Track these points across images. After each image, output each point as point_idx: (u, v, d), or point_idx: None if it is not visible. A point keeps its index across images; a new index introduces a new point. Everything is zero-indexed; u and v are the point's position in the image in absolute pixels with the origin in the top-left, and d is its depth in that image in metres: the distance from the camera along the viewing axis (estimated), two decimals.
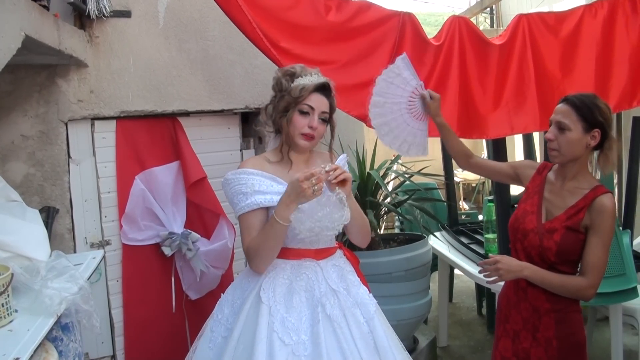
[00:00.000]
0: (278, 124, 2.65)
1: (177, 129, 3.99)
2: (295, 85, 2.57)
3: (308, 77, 2.60)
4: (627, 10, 4.14)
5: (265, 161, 2.67)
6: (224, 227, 4.07)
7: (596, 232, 2.61)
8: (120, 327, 3.87)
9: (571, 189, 2.73)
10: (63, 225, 3.55)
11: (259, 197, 2.50)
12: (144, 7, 3.77)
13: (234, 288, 2.74)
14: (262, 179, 2.55)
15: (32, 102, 3.44)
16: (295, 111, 2.57)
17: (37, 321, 2.19)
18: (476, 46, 4.00)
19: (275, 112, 2.65)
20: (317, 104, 2.58)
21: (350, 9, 3.70)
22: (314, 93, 2.58)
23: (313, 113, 2.58)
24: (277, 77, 2.67)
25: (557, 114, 2.69)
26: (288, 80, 2.61)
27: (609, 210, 2.60)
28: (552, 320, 2.71)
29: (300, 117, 2.57)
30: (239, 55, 4.17)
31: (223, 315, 2.65)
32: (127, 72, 3.71)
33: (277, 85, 2.67)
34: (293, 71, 2.63)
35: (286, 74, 2.64)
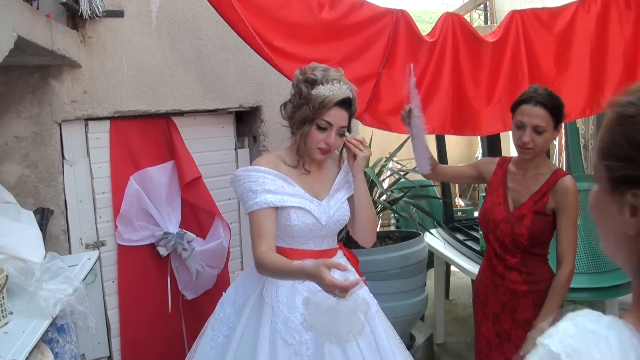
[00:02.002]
0: (294, 131, 2.57)
1: (171, 129, 3.98)
2: (315, 96, 2.44)
3: (329, 86, 2.46)
4: (621, 6, 4.14)
5: (281, 161, 2.60)
6: (219, 227, 4.07)
7: (564, 214, 2.78)
8: (116, 327, 3.87)
9: (533, 175, 2.89)
10: (58, 227, 3.54)
11: (269, 197, 2.46)
12: (136, 7, 3.75)
13: (236, 287, 2.72)
14: (274, 178, 2.51)
15: (25, 103, 3.42)
16: (313, 125, 2.48)
17: (32, 323, 2.19)
18: (469, 43, 4.01)
19: (293, 120, 2.56)
20: (336, 120, 2.48)
21: (343, 6, 3.70)
22: (334, 107, 2.46)
23: (331, 129, 2.49)
24: (297, 80, 2.55)
25: (533, 118, 2.77)
26: (308, 87, 2.48)
27: (572, 191, 2.78)
28: (529, 302, 2.84)
29: (317, 132, 2.48)
30: (232, 54, 4.16)
31: (225, 313, 2.64)
32: (120, 72, 3.70)
33: (296, 88, 2.55)
34: (314, 78, 2.48)
35: (307, 80, 2.50)
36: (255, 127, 4.49)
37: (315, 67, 2.53)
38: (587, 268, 3.83)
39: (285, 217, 2.52)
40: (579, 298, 4.21)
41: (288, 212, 2.51)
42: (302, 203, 2.53)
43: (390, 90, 3.82)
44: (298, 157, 2.59)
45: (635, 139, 0.87)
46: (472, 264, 4.42)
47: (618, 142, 0.90)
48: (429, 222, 5.53)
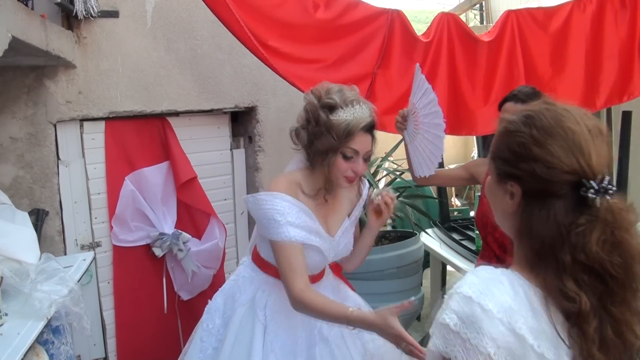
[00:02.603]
0: (314, 161, 2.38)
1: (166, 129, 3.97)
2: (336, 123, 2.26)
3: (350, 109, 2.28)
4: (616, 5, 4.16)
5: (299, 188, 2.41)
6: (215, 227, 4.06)
7: None
8: (112, 328, 3.86)
9: None
10: (53, 228, 3.53)
11: (292, 231, 2.27)
12: (131, 7, 3.75)
13: (224, 296, 2.61)
14: (298, 211, 2.32)
15: (20, 103, 3.41)
16: (338, 154, 2.30)
17: (27, 324, 2.19)
18: (465, 43, 4.01)
19: (312, 149, 2.36)
20: (362, 146, 2.31)
21: (338, 6, 3.70)
22: (360, 133, 2.29)
23: (358, 156, 2.32)
24: (313, 107, 2.33)
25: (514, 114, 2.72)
26: (326, 113, 2.28)
27: None
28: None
29: (343, 161, 2.31)
30: (227, 54, 4.16)
31: (214, 325, 2.55)
32: (115, 73, 3.70)
33: (312, 115, 2.33)
34: (332, 103, 2.28)
35: (324, 105, 2.29)
36: (251, 128, 4.48)
37: (330, 90, 2.34)
38: None
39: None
40: None
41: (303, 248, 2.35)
42: (320, 243, 2.38)
43: (385, 90, 3.82)
44: (318, 187, 2.41)
45: (513, 147, 1.27)
46: (468, 264, 4.41)
47: (502, 148, 1.31)
48: (425, 222, 5.52)
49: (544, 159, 1.20)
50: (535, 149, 1.22)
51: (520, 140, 1.26)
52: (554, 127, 1.22)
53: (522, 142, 1.25)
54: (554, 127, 1.22)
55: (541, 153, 1.21)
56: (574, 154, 1.19)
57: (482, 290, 1.17)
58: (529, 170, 1.23)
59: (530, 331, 1.13)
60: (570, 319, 1.17)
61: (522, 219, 1.26)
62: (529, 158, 1.23)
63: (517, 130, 1.27)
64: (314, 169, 2.40)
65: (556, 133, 1.22)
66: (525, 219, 1.25)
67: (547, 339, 1.15)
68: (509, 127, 1.30)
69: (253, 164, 4.51)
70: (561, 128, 1.22)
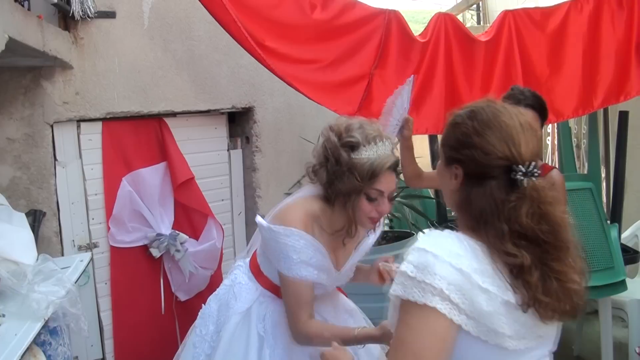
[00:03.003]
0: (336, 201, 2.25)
1: (163, 130, 3.97)
2: (359, 163, 2.13)
3: (372, 147, 2.15)
4: (613, 5, 4.16)
5: (316, 223, 2.28)
6: (212, 228, 4.07)
7: None
8: (109, 329, 3.86)
9: None
10: (50, 229, 3.53)
11: (305, 270, 2.20)
12: (128, 8, 3.74)
13: (218, 302, 2.55)
14: (314, 251, 2.22)
15: (17, 104, 3.41)
16: (362, 196, 2.18)
17: (24, 326, 2.18)
18: (462, 43, 4.02)
19: (331, 189, 2.22)
20: (387, 186, 2.19)
21: (335, 7, 3.70)
22: (385, 173, 2.16)
23: (383, 196, 2.19)
24: (333, 145, 2.19)
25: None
26: (348, 152, 2.15)
27: (560, 184, 2.89)
28: None
29: (367, 203, 2.18)
30: (224, 55, 4.16)
31: (208, 331, 2.50)
32: (112, 73, 3.69)
33: (331, 153, 2.19)
34: (354, 142, 2.15)
35: (345, 144, 2.17)
36: (248, 128, 4.49)
37: (350, 127, 2.20)
38: None
39: None
40: None
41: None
42: (326, 280, 2.32)
43: (382, 90, 3.82)
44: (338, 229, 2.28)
45: (457, 136, 1.51)
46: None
47: (450, 137, 1.55)
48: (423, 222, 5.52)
49: (481, 146, 1.44)
50: (475, 138, 1.46)
51: (463, 130, 1.49)
52: (491, 120, 1.46)
53: (465, 132, 1.49)
54: (491, 121, 1.46)
55: (480, 141, 1.45)
56: (507, 143, 1.42)
57: (433, 242, 1.39)
58: (470, 155, 1.46)
59: (474, 271, 1.34)
60: (514, 272, 1.38)
61: (462, 194, 1.49)
62: (469, 145, 1.46)
63: (462, 122, 1.51)
64: (333, 206, 2.27)
65: (493, 125, 1.45)
66: (465, 194, 1.48)
67: (490, 277, 1.36)
68: (456, 119, 1.54)
69: (250, 165, 4.51)
70: (497, 121, 1.46)
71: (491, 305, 1.34)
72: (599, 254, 3.88)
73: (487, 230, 1.41)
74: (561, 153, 4.85)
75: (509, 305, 1.36)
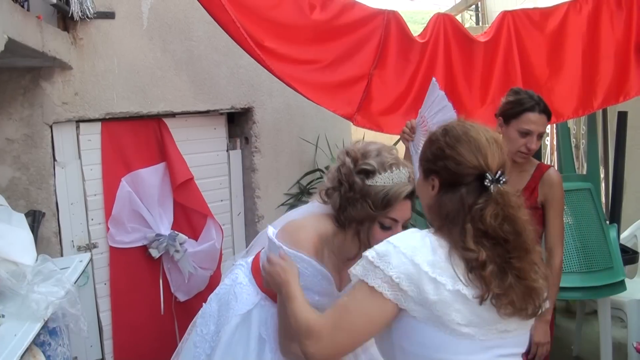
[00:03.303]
0: (349, 228, 2.17)
1: (162, 130, 3.97)
2: (374, 190, 2.07)
3: (388, 174, 2.09)
4: (612, 6, 4.16)
5: (327, 245, 2.21)
6: (212, 228, 4.07)
7: (551, 205, 2.91)
8: (108, 330, 3.86)
9: (517, 174, 2.92)
10: (49, 229, 3.53)
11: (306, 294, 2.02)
12: (127, 8, 3.74)
13: (219, 302, 2.52)
14: (321, 279, 2.15)
15: (16, 105, 3.41)
16: (375, 224, 2.12)
17: (24, 326, 2.18)
18: (461, 43, 4.02)
19: (344, 215, 2.15)
20: (402, 214, 2.13)
21: (334, 7, 3.70)
22: (401, 202, 2.10)
23: (397, 225, 2.13)
24: (348, 170, 2.13)
25: (540, 126, 2.86)
26: (363, 179, 2.09)
27: (557, 182, 2.94)
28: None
29: (381, 231, 2.10)
30: (224, 55, 4.16)
31: (208, 331, 2.46)
32: (111, 74, 3.69)
33: (346, 178, 2.13)
34: (370, 169, 2.09)
35: (361, 172, 2.10)
36: (247, 128, 4.49)
37: (367, 153, 2.14)
38: (579, 267, 3.83)
39: None
40: (570, 297, 4.22)
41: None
42: (327, 304, 2.12)
43: (381, 91, 3.82)
44: (349, 257, 2.18)
45: (433, 151, 1.72)
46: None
47: (427, 152, 1.76)
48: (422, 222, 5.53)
49: (453, 157, 1.65)
50: (447, 150, 1.67)
51: (437, 145, 1.71)
52: (461, 136, 1.68)
53: (439, 146, 1.70)
54: (461, 136, 1.68)
55: (451, 153, 1.66)
56: (475, 155, 1.64)
57: (399, 237, 1.65)
58: (443, 166, 1.67)
59: (427, 263, 1.55)
60: (469, 266, 1.56)
61: (436, 199, 1.70)
62: (443, 157, 1.68)
63: (436, 139, 1.73)
64: (344, 230, 2.19)
65: (463, 140, 1.67)
66: (438, 199, 1.69)
67: (441, 269, 1.56)
68: (432, 137, 1.77)
69: (249, 165, 4.51)
70: (467, 137, 1.67)
71: (437, 294, 1.54)
72: (598, 255, 3.88)
73: (452, 229, 1.62)
74: (560, 153, 4.84)
75: (460, 295, 1.55)
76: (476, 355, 1.61)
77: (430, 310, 1.54)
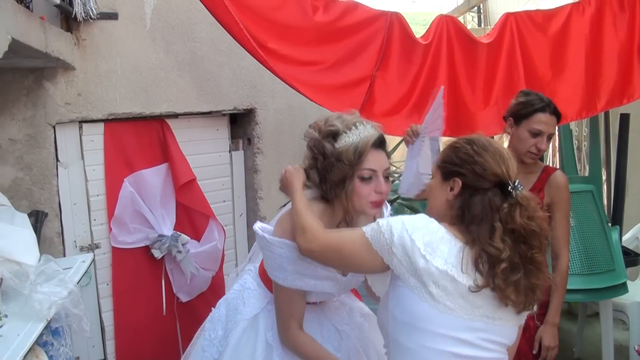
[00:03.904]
0: (334, 195, 2.19)
1: (165, 131, 3.98)
2: (344, 148, 2.12)
3: (354, 131, 2.15)
4: (615, 8, 4.16)
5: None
6: (214, 229, 4.07)
7: (558, 208, 2.90)
8: (111, 330, 3.86)
9: (524, 176, 2.85)
10: (52, 229, 3.53)
11: (299, 280, 2.16)
12: (130, 9, 3.75)
13: (227, 307, 2.51)
14: (309, 261, 2.11)
15: (19, 105, 3.41)
16: (355, 180, 2.13)
17: (27, 326, 2.19)
18: (464, 45, 4.02)
19: (327, 184, 2.18)
20: (378, 164, 2.15)
21: (337, 9, 3.71)
22: (371, 151, 2.13)
23: (377, 175, 2.14)
24: (316, 141, 2.19)
25: (550, 127, 2.88)
26: (331, 142, 2.14)
27: (564, 185, 2.93)
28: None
29: (363, 185, 2.13)
30: (226, 56, 4.16)
31: (217, 335, 2.45)
32: (114, 75, 3.70)
33: (317, 150, 2.19)
34: (334, 130, 2.15)
35: (327, 135, 2.16)
36: (250, 129, 4.49)
37: (328, 119, 2.21)
38: (581, 269, 3.83)
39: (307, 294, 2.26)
40: (572, 299, 4.22)
41: (311, 293, 2.26)
42: (331, 288, 2.26)
43: (384, 92, 3.83)
44: (338, 221, 2.26)
45: (460, 155, 1.88)
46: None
47: (450, 157, 1.92)
48: None
49: (481, 163, 1.82)
50: (476, 156, 1.84)
51: (465, 151, 1.87)
52: (487, 146, 1.86)
53: (467, 152, 1.87)
54: (487, 147, 1.86)
55: (480, 160, 1.83)
56: (499, 164, 1.82)
57: (411, 218, 1.83)
58: (471, 169, 1.83)
59: (422, 242, 1.74)
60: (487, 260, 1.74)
61: (461, 200, 1.85)
62: (471, 162, 1.84)
63: (462, 146, 1.89)
64: (333, 203, 2.23)
65: (489, 150, 1.85)
66: (463, 200, 1.84)
67: (433, 249, 1.74)
68: (456, 145, 1.93)
69: (252, 166, 4.51)
70: (492, 147, 1.87)
71: (427, 267, 1.72)
72: (600, 257, 3.89)
73: (480, 226, 1.78)
74: (562, 155, 4.84)
75: (448, 275, 1.72)
76: (460, 332, 1.76)
77: (420, 277, 1.74)
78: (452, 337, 1.76)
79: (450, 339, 1.76)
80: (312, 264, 2.12)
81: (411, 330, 1.80)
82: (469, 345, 1.77)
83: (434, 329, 1.76)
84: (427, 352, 1.78)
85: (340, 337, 2.42)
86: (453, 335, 1.76)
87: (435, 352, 1.77)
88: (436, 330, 1.76)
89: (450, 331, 1.76)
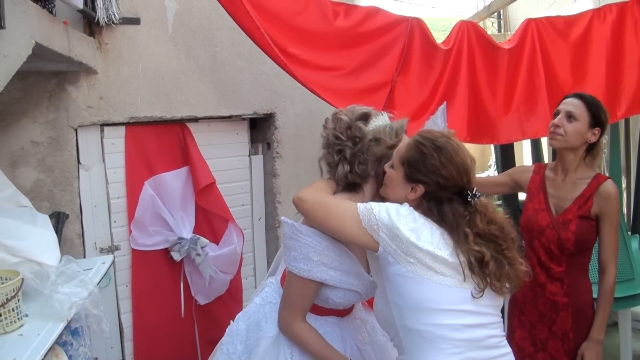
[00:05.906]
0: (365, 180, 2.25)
1: (185, 135, 4.00)
2: (381, 128, 2.21)
3: (380, 117, 2.27)
4: (636, 15, 4.14)
5: None
6: (233, 233, 4.08)
7: (607, 219, 2.78)
8: (129, 332, 3.89)
9: (574, 180, 2.88)
10: (73, 231, 3.56)
11: (325, 273, 2.14)
12: (152, 14, 3.78)
13: (247, 321, 2.48)
14: (338, 253, 2.16)
15: (42, 108, 3.45)
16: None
17: (47, 326, 2.20)
18: (485, 50, 4.01)
19: (360, 170, 2.21)
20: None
21: (358, 14, 3.71)
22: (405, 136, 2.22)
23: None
24: (346, 125, 2.22)
25: (568, 105, 2.84)
26: (365, 123, 2.22)
27: (614, 196, 2.80)
28: (569, 314, 2.83)
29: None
30: (247, 61, 4.18)
31: (235, 350, 2.42)
32: (136, 79, 3.73)
33: (348, 136, 2.22)
34: (367, 112, 2.24)
35: (360, 117, 2.23)
36: (269, 134, 4.51)
37: (352, 107, 2.30)
38: None
39: (332, 292, 2.23)
40: None
41: (337, 291, 2.22)
42: (358, 286, 2.24)
43: (404, 97, 3.82)
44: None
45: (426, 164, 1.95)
46: None
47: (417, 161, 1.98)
48: None
49: (446, 176, 1.93)
50: (442, 169, 1.93)
51: (432, 162, 1.95)
52: (453, 157, 1.95)
53: (434, 163, 1.95)
54: (452, 158, 1.95)
55: (445, 173, 1.93)
56: (462, 176, 1.95)
57: (397, 206, 1.97)
58: (435, 180, 1.94)
59: (407, 227, 1.88)
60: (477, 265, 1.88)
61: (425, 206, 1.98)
62: (437, 174, 1.94)
63: (430, 155, 1.96)
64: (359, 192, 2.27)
65: (453, 162, 1.94)
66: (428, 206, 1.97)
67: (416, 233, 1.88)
68: (424, 150, 1.98)
69: (271, 170, 4.53)
70: (457, 157, 1.96)
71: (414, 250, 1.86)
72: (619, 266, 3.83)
73: (457, 233, 1.91)
74: None
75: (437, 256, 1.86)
76: (462, 304, 1.88)
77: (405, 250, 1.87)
78: (457, 310, 1.87)
79: (456, 312, 1.87)
80: (340, 255, 2.15)
81: (417, 312, 1.88)
82: (473, 314, 1.90)
83: (437, 306, 1.86)
84: (438, 329, 1.86)
85: (362, 357, 2.38)
86: (457, 308, 1.87)
87: (444, 328, 1.86)
88: (440, 307, 1.86)
89: (453, 305, 1.87)
